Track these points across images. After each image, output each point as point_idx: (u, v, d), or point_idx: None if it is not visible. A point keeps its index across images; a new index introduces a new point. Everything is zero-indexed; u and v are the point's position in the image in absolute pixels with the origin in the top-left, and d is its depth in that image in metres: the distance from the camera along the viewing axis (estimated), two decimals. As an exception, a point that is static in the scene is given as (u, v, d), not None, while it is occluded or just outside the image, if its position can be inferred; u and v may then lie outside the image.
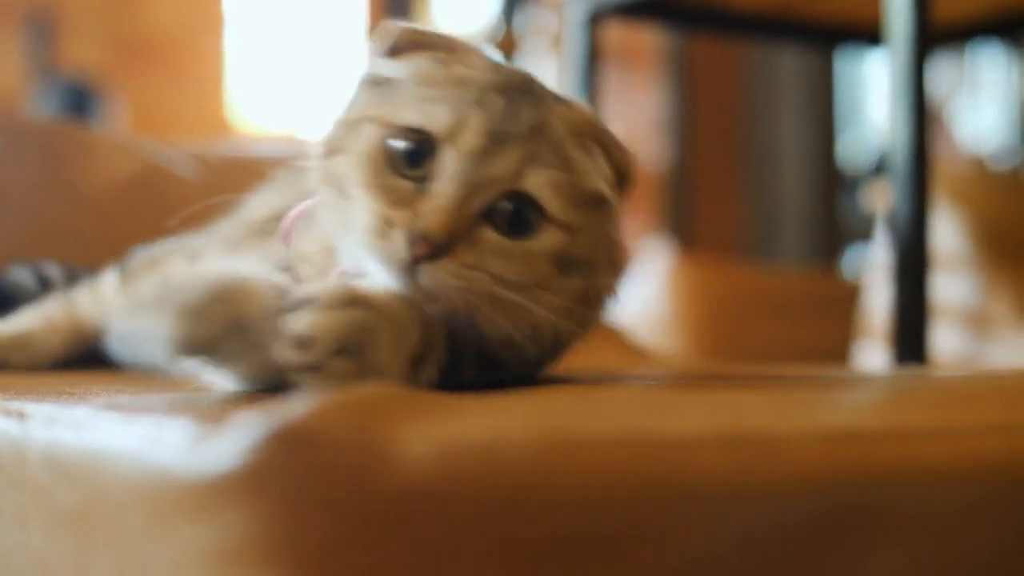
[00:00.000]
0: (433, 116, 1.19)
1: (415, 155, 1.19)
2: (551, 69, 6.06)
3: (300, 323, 1.07)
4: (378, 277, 1.19)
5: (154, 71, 6.35)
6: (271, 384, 1.15)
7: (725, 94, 6.44)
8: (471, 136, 1.17)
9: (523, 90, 1.25)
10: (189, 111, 6.39)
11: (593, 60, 3.42)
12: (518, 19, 5.83)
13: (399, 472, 0.79)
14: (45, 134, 1.37)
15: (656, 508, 0.84)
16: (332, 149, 1.25)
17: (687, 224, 5.88)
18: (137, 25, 6.58)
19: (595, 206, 1.28)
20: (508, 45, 5.67)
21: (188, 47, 6.54)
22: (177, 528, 0.86)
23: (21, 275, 2.12)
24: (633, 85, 6.03)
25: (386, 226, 1.15)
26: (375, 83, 1.28)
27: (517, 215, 1.20)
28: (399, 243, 1.14)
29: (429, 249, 1.14)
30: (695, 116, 6.05)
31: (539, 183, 1.20)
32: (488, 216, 1.19)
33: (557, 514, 0.81)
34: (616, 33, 4.93)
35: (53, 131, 1.36)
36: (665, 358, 3.22)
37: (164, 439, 0.90)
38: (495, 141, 1.18)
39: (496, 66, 1.28)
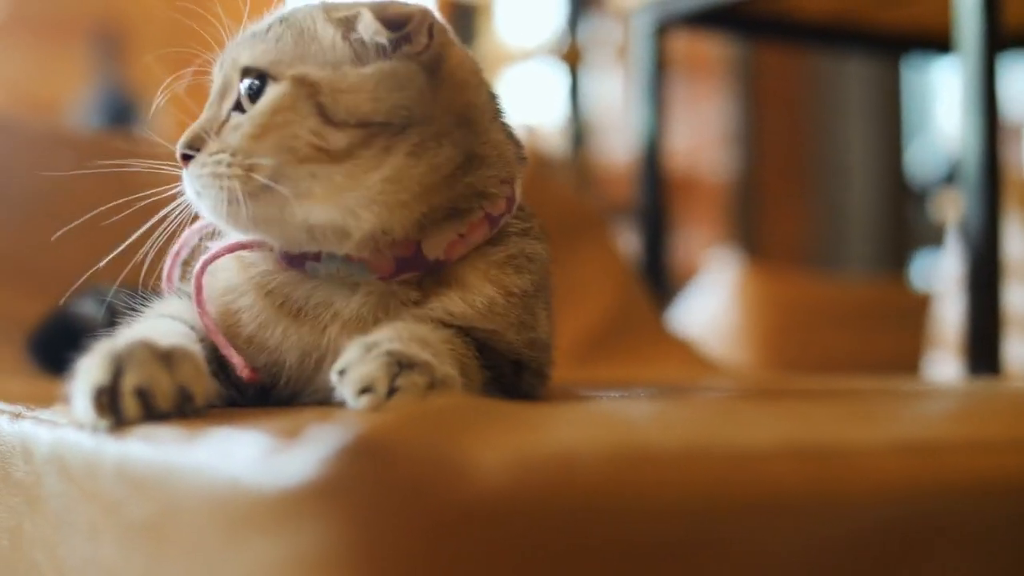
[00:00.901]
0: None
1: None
2: (616, 80, 6.06)
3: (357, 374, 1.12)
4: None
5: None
6: None
7: (791, 103, 6.40)
8: (216, 67, 1.40)
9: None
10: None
11: (660, 70, 3.41)
12: (583, 30, 5.83)
13: (472, 484, 0.79)
14: (118, 151, 1.37)
15: (728, 520, 0.83)
16: None
17: (753, 234, 5.86)
18: (202, 41, 6.61)
19: (352, 62, 1.29)
20: (573, 56, 5.67)
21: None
22: (250, 541, 0.86)
23: (88, 307, 2.14)
24: (699, 95, 6.01)
25: None
26: None
27: (251, 90, 1.29)
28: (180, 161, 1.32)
29: (182, 156, 1.30)
30: (761, 126, 6.03)
31: (250, 54, 1.31)
32: (236, 109, 1.30)
33: (630, 526, 0.81)
34: (682, 43, 4.92)
35: (126, 147, 1.36)
36: (733, 369, 3.20)
37: (237, 452, 0.90)
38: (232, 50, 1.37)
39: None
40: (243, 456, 0.88)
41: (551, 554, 0.80)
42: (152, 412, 1.10)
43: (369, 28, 1.27)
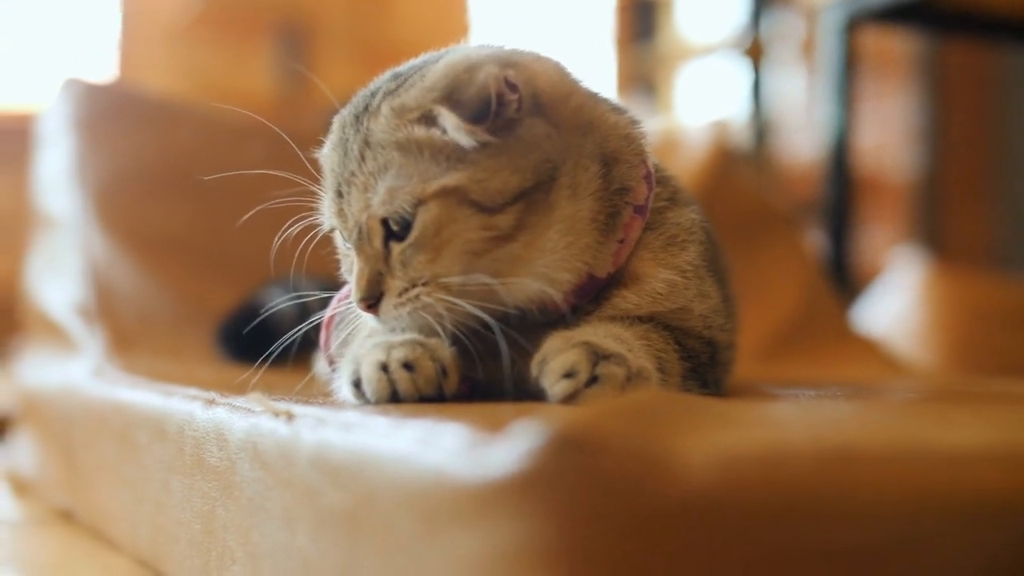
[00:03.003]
0: (324, 213, 1.37)
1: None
2: (799, 76, 5.97)
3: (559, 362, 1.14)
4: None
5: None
6: None
7: (978, 101, 6.24)
8: (329, 215, 1.35)
9: (357, 119, 1.31)
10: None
11: (849, 67, 3.35)
12: (765, 25, 5.76)
13: (678, 481, 0.77)
14: (307, 143, 1.39)
15: (935, 522, 0.81)
16: None
17: (937, 234, 5.73)
18: (385, 33, 6.71)
19: (476, 147, 1.25)
20: (755, 52, 5.60)
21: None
22: (449, 532, 0.85)
23: (277, 298, 2.17)
24: (883, 92, 5.90)
25: None
26: None
27: (399, 227, 1.27)
28: (361, 307, 1.31)
29: (366, 304, 1.30)
30: (947, 123, 5.89)
31: (381, 200, 1.26)
32: (388, 238, 1.28)
33: (836, 526, 0.79)
34: (867, 39, 4.83)
35: (313, 140, 1.38)
36: (919, 370, 3.13)
37: (437, 442, 0.89)
38: (343, 197, 1.31)
39: (342, 115, 1.35)
40: (446, 447, 0.87)
41: (757, 552, 0.78)
42: (418, 389, 1.23)
43: (453, 126, 1.24)
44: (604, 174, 1.31)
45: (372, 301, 1.28)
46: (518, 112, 1.25)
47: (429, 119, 1.25)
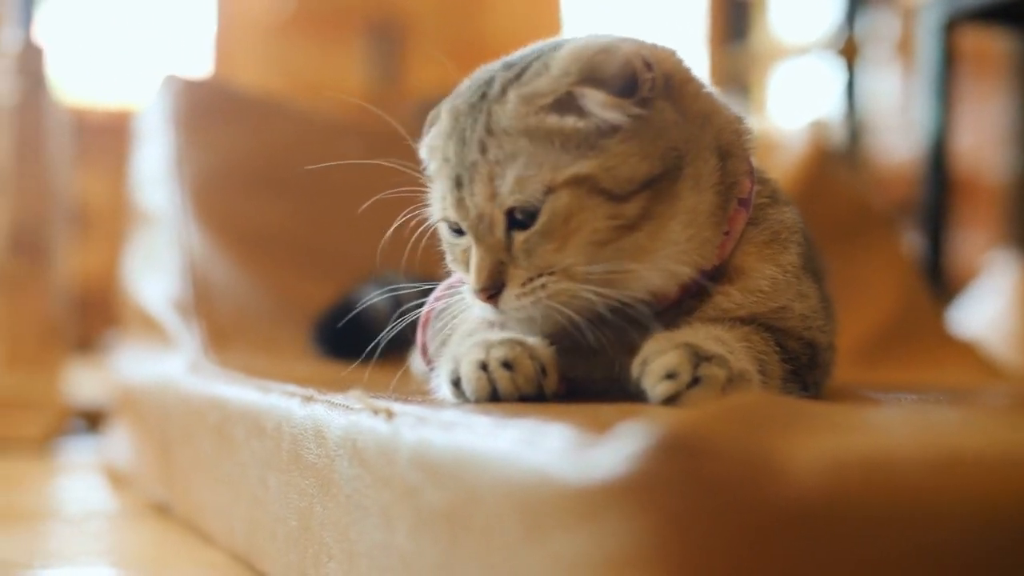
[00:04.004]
0: (435, 201, 1.34)
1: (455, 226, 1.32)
2: (894, 76, 5.91)
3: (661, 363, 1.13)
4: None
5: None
6: None
7: (1078, 102, 6.15)
8: (448, 205, 1.30)
9: (474, 107, 1.29)
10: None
11: (947, 67, 3.30)
12: (860, 24, 5.70)
13: (787, 485, 0.76)
14: (400, 139, 1.38)
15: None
16: None
17: (1034, 237, 5.65)
18: (477, 30, 6.72)
19: (607, 134, 1.23)
20: (850, 51, 5.54)
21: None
22: (552, 534, 0.84)
23: (370, 293, 2.17)
24: (981, 93, 5.82)
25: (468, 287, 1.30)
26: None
27: (524, 215, 1.25)
28: (479, 299, 1.28)
29: (487, 295, 1.27)
30: (1045, 125, 5.80)
31: (510, 188, 1.24)
32: (510, 227, 1.26)
33: (946, 532, 0.77)
34: (964, 39, 4.77)
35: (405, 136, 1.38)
36: (1019, 375, 3.08)
37: (541, 443, 0.88)
38: (463, 186, 1.27)
39: (456, 102, 1.32)
40: (550, 448, 0.86)
41: (864, 557, 0.76)
42: (518, 388, 1.22)
43: (601, 103, 1.23)
44: (721, 168, 1.30)
45: (492, 291, 1.26)
46: (651, 92, 1.24)
47: (563, 105, 1.24)
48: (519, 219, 1.24)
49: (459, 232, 1.31)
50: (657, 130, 1.24)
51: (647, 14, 7.17)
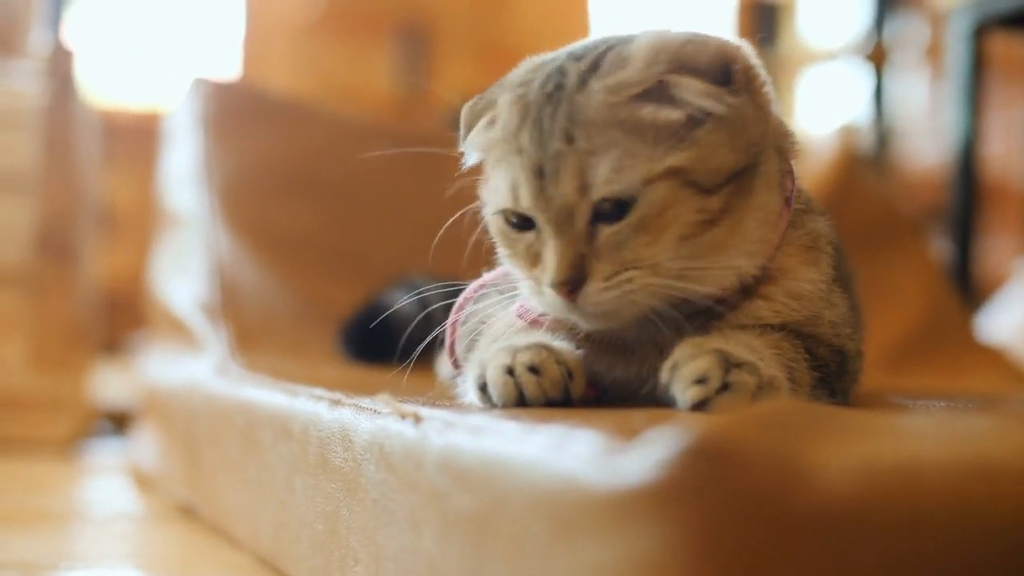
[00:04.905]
0: (501, 192, 1.27)
1: (516, 219, 1.27)
2: (923, 81, 5.89)
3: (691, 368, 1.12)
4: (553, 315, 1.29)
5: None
6: None
7: (1108, 109, 6.12)
8: (525, 194, 1.23)
9: (551, 97, 1.24)
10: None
11: (977, 73, 3.29)
12: (889, 30, 5.69)
13: (817, 491, 0.75)
14: (429, 142, 1.38)
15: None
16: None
17: (1062, 244, 5.63)
18: (506, 34, 6.72)
19: (697, 124, 1.22)
20: (878, 57, 5.53)
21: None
22: (580, 540, 0.84)
23: (397, 296, 2.17)
24: (1010, 99, 5.80)
25: (536, 284, 1.25)
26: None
27: (613, 204, 1.21)
28: (551, 295, 1.23)
29: (567, 289, 1.21)
30: (1075, 132, 5.78)
31: (605, 178, 1.20)
32: (596, 219, 1.21)
33: (977, 541, 0.77)
34: (994, 45, 4.75)
35: (436, 139, 1.37)
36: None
37: (569, 449, 0.88)
38: (546, 176, 1.22)
39: (522, 92, 1.27)
40: (578, 453, 0.86)
41: (896, 565, 0.76)
42: (544, 393, 1.21)
43: (699, 91, 1.21)
44: (780, 167, 1.31)
45: (572, 285, 1.22)
46: (740, 83, 1.24)
47: (653, 95, 1.22)
48: (606, 211, 1.21)
49: (523, 226, 1.27)
50: (742, 122, 1.23)
51: (675, 17, 7.17)
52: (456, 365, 1.45)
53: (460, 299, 1.41)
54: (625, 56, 1.24)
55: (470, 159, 1.36)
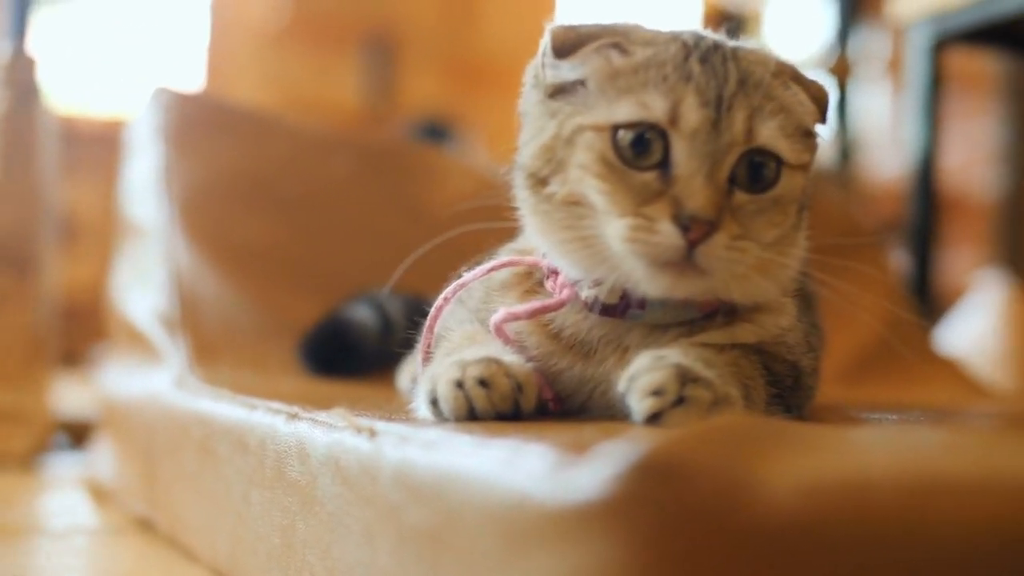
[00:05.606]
0: (648, 105, 1.20)
1: (640, 147, 1.20)
2: (884, 94, 5.92)
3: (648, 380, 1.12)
4: (640, 280, 1.21)
5: (490, 93, 6.48)
6: None
7: (1066, 122, 6.17)
8: (692, 112, 1.19)
9: (714, 48, 1.24)
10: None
11: (936, 86, 3.32)
12: (852, 43, 5.72)
13: (764, 505, 0.76)
14: (392, 155, 1.38)
15: (1021, 553, 0.78)
16: (544, 175, 1.27)
17: (1020, 256, 5.66)
18: (472, 46, 6.73)
19: (808, 142, 1.28)
20: (842, 70, 5.57)
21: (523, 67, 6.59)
22: (532, 554, 0.84)
23: (362, 312, 2.17)
24: (969, 112, 5.84)
25: (647, 222, 1.17)
26: (557, 92, 1.29)
27: (756, 170, 1.21)
28: (670, 234, 1.16)
29: (703, 229, 1.16)
30: (1033, 145, 5.82)
31: (770, 134, 1.21)
32: (732, 180, 1.21)
33: (922, 556, 0.77)
34: (953, 58, 4.78)
35: (399, 152, 1.37)
36: (1004, 394, 3.09)
37: (522, 464, 0.88)
38: (716, 108, 1.19)
39: (673, 35, 1.27)
40: (530, 468, 0.87)
41: (842, 580, 0.76)
42: (494, 406, 1.19)
43: (813, 114, 1.29)
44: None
45: (708, 228, 1.16)
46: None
47: (798, 87, 1.28)
48: (740, 176, 1.21)
49: (637, 161, 1.20)
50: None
51: (647, 24, 7.19)
52: (426, 359, 1.45)
53: (439, 300, 1.40)
54: (757, 50, 1.28)
55: (561, 75, 1.29)
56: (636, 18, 1.31)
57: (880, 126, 6.00)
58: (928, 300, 3.42)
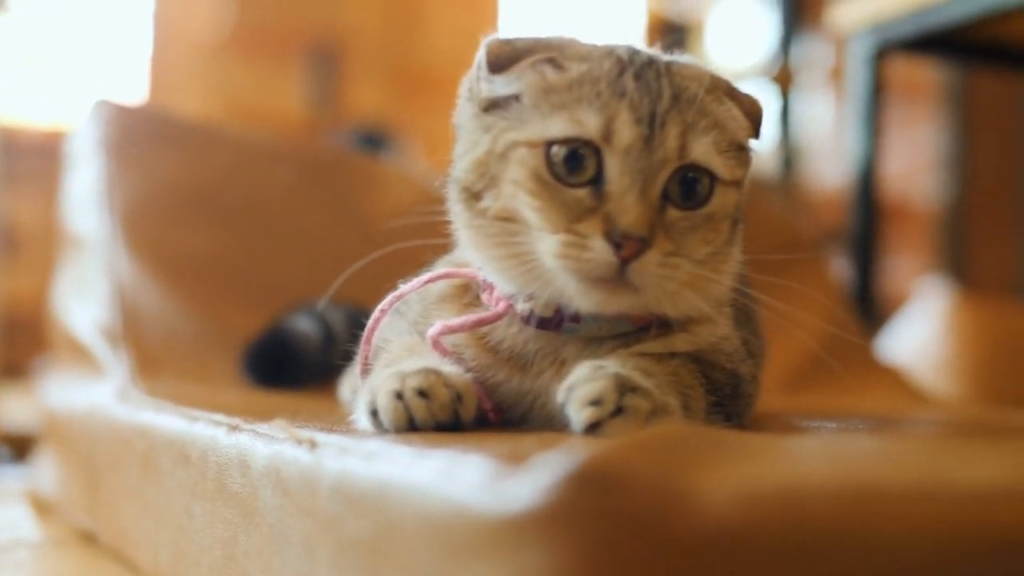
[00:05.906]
0: (582, 122, 1.21)
1: (573, 163, 1.21)
2: (827, 102, 5.96)
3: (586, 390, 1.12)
4: (572, 296, 1.22)
5: (432, 102, 6.49)
6: None
7: (1005, 130, 6.22)
8: (625, 129, 1.19)
9: (648, 64, 1.25)
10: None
11: (877, 95, 3.35)
12: (795, 52, 5.77)
13: (700, 515, 0.77)
14: (334, 165, 1.39)
15: (957, 561, 0.80)
16: (478, 189, 1.27)
17: (964, 263, 5.71)
18: (415, 56, 6.73)
19: (742, 157, 1.30)
20: (784, 78, 5.61)
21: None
22: (471, 564, 0.85)
23: (304, 323, 2.17)
24: (911, 120, 5.89)
25: (580, 238, 1.18)
26: (492, 107, 1.29)
27: (690, 186, 1.22)
28: (602, 250, 1.17)
29: (635, 246, 1.17)
30: (973, 153, 5.87)
31: (703, 150, 1.22)
32: (665, 197, 1.21)
33: (858, 564, 0.78)
34: (895, 67, 4.83)
35: (341, 162, 1.38)
36: (943, 401, 3.11)
37: (459, 475, 0.89)
38: (649, 124, 1.20)
39: (608, 50, 1.27)
40: (467, 479, 0.87)
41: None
42: (434, 416, 1.20)
43: (746, 128, 1.31)
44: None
45: (639, 247, 1.16)
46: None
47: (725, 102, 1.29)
48: (676, 192, 1.22)
49: (570, 178, 1.21)
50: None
51: (584, 38, 7.21)
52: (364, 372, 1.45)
53: (376, 311, 1.40)
54: (691, 65, 1.29)
55: (495, 89, 1.29)
56: (580, 28, 1.32)
57: (822, 134, 6.04)
58: (871, 308, 3.45)
